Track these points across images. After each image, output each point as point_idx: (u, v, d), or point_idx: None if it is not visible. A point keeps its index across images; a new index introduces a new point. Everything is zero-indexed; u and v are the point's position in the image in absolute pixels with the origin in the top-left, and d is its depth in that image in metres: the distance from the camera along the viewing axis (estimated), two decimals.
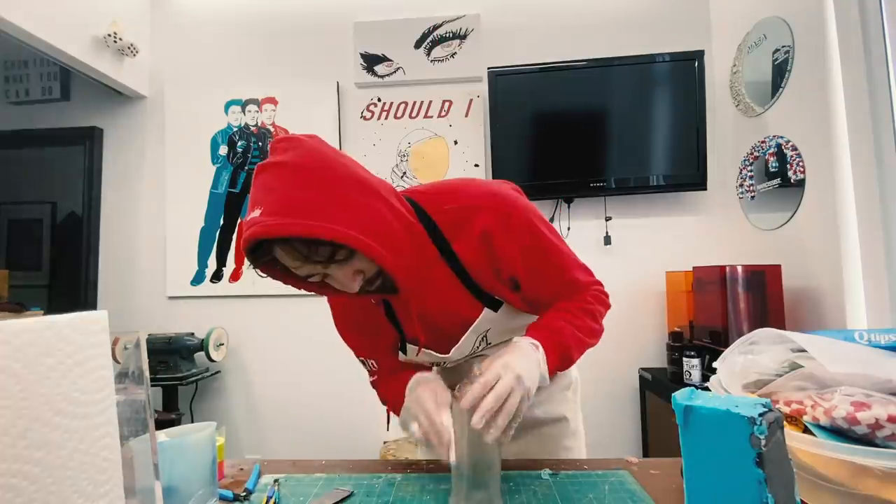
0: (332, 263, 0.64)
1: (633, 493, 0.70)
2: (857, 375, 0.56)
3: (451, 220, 0.75)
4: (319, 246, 0.61)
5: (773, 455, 0.45)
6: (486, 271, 0.77)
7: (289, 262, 0.64)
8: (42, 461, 0.38)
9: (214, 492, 0.67)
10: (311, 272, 0.66)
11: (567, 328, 0.75)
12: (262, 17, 2.32)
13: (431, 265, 0.75)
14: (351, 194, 0.62)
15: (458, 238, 0.75)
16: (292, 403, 2.21)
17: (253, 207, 0.61)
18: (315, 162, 0.62)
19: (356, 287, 0.68)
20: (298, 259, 0.63)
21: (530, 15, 2.21)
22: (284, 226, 0.57)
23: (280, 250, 0.62)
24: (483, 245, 0.75)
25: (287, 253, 0.62)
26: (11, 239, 2.41)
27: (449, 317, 0.81)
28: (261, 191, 0.61)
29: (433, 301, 0.78)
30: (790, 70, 1.65)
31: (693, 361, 1.68)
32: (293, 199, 0.59)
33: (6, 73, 2.40)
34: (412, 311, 0.76)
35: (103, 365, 0.44)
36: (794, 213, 1.66)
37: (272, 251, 0.63)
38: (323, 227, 0.58)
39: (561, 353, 0.73)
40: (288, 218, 0.58)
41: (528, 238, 0.76)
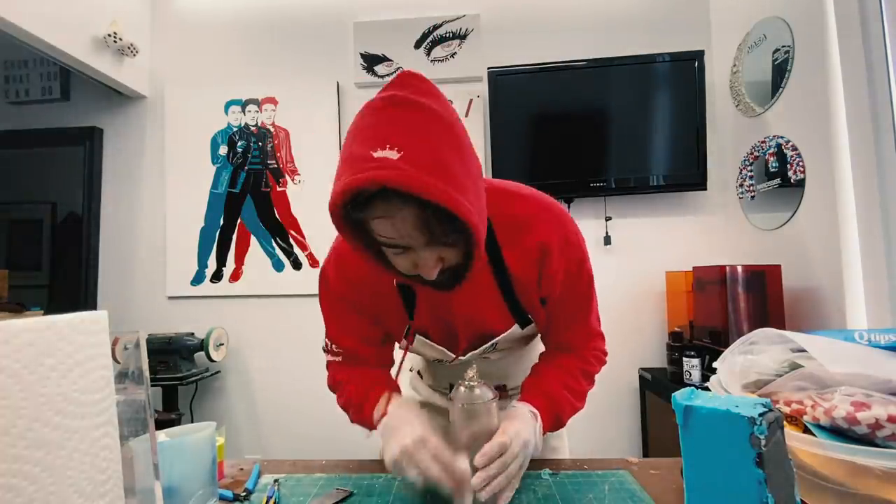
0: (439, 244, 0.57)
1: (633, 493, 0.70)
2: (857, 375, 0.56)
3: (509, 224, 0.70)
4: (448, 221, 0.52)
5: (773, 455, 0.45)
6: (530, 284, 0.73)
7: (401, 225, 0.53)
8: (42, 461, 0.38)
9: (214, 492, 0.67)
10: (407, 243, 0.56)
11: (565, 398, 0.77)
12: (262, 17, 2.32)
13: (480, 268, 0.68)
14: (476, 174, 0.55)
15: (512, 245, 0.70)
16: (292, 403, 2.21)
17: (380, 143, 0.50)
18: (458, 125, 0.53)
19: (435, 274, 0.60)
20: (420, 227, 0.53)
21: (530, 15, 2.21)
22: (432, 186, 0.48)
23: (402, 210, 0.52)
24: (536, 257, 0.71)
25: (411, 216, 0.52)
26: (11, 239, 2.41)
27: (476, 325, 0.77)
28: (401, 127, 0.50)
29: (467, 305, 0.73)
30: (790, 70, 1.65)
31: (693, 361, 1.68)
32: (444, 160, 0.50)
33: (6, 73, 2.40)
34: (454, 310, 0.73)
35: (103, 365, 0.44)
36: (794, 213, 1.66)
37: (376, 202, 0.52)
38: (466, 206, 0.50)
39: (554, 423, 0.76)
40: (436, 178, 0.49)
41: (576, 265, 0.74)
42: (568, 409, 0.78)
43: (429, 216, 0.52)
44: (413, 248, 0.58)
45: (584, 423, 2.09)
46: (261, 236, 2.26)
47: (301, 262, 2.24)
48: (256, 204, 2.26)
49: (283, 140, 2.26)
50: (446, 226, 0.53)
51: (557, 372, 0.80)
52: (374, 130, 0.52)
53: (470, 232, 0.54)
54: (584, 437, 2.07)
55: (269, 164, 2.26)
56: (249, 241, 2.26)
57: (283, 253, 2.25)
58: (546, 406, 0.75)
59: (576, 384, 0.79)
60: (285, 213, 2.25)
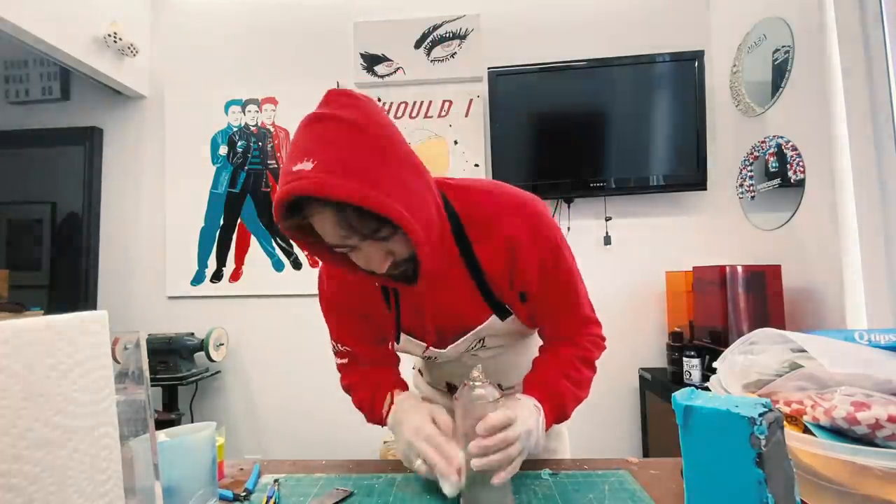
0: (372, 239, 0.61)
1: (633, 493, 0.70)
2: (857, 375, 0.56)
3: (478, 221, 0.73)
4: (369, 218, 0.57)
5: (773, 455, 0.45)
6: (502, 279, 0.76)
7: (327, 227, 0.59)
8: (42, 461, 0.38)
9: (214, 492, 0.67)
10: (344, 243, 0.61)
11: (566, 388, 0.77)
12: (262, 17, 2.32)
13: (450, 262, 0.73)
14: (405, 172, 0.59)
15: (482, 241, 0.73)
16: (292, 403, 2.21)
17: (300, 158, 0.55)
18: (378, 129, 0.58)
19: (384, 268, 0.64)
20: (341, 226, 0.58)
21: (530, 15, 2.21)
22: (342, 187, 0.53)
23: (323, 213, 0.57)
24: (506, 252, 0.73)
25: (330, 218, 0.57)
26: (11, 239, 2.41)
27: (454, 318, 0.79)
28: (315, 142, 0.56)
29: (443, 299, 0.76)
30: (790, 70, 1.65)
31: (693, 361, 1.68)
32: (354, 162, 0.55)
33: (6, 73, 2.40)
34: (425, 304, 0.76)
35: (103, 365, 0.44)
36: (794, 213, 1.66)
37: (307, 210, 0.58)
38: (381, 200, 0.55)
39: (558, 415, 0.76)
40: (346, 180, 0.53)
41: (550, 253, 0.75)
42: (571, 399, 0.78)
43: (347, 215, 0.57)
44: (356, 245, 0.62)
45: (584, 423, 2.09)
46: (261, 236, 2.26)
47: (301, 262, 2.24)
48: (256, 204, 2.26)
49: (283, 140, 2.26)
50: (369, 221, 0.58)
51: (556, 362, 0.80)
52: (296, 146, 0.57)
53: (395, 224, 0.57)
54: (584, 437, 2.07)
55: (269, 164, 2.26)
56: (249, 241, 2.26)
57: (283, 253, 2.25)
58: (548, 398, 0.75)
59: (576, 373, 0.79)
60: None
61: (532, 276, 0.75)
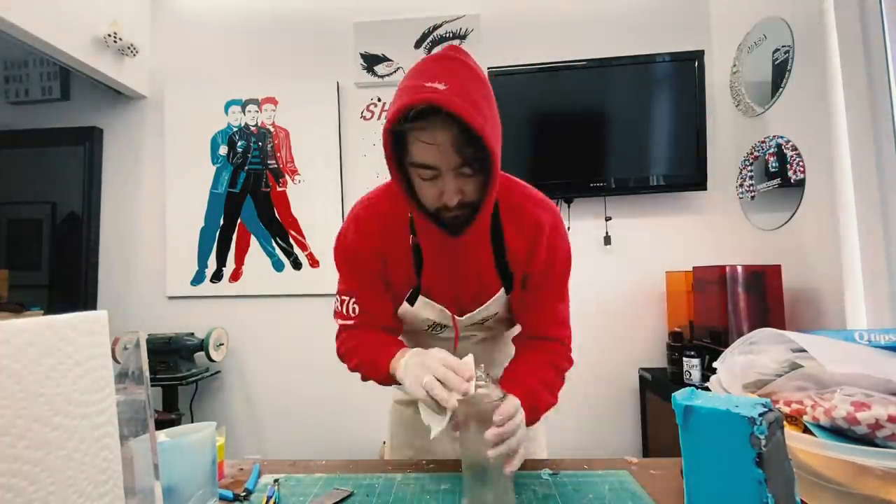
0: (459, 169, 0.69)
1: (633, 493, 0.70)
2: (857, 375, 0.56)
3: (513, 205, 0.83)
4: (472, 147, 0.66)
5: (773, 455, 0.45)
6: (520, 257, 0.84)
7: (439, 139, 0.66)
8: (42, 461, 0.38)
9: (214, 492, 0.67)
10: (438, 164, 0.68)
11: (543, 393, 0.80)
12: (262, 17, 2.32)
13: (484, 230, 0.81)
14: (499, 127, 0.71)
15: (512, 222, 0.83)
16: (292, 403, 2.21)
17: (432, 79, 0.64)
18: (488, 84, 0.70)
19: (454, 201, 0.71)
20: (450, 143, 0.66)
21: (530, 15, 2.21)
22: (467, 110, 0.63)
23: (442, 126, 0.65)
24: (530, 235, 0.82)
25: (446, 133, 0.65)
26: (11, 239, 2.41)
27: (472, 286, 0.86)
28: (445, 71, 0.65)
29: (467, 264, 0.83)
30: (790, 70, 1.65)
31: (693, 361, 1.68)
32: (476, 97, 0.65)
33: (6, 73, 2.40)
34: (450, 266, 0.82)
35: (103, 365, 0.44)
36: (794, 213, 1.66)
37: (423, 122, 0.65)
38: (489, 135, 0.65)
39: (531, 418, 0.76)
40: (469, 106, 0.63)
41: (559, 253, 0.84)
42: (543, 403, 0.81)
43: (461, 136, 0.66)
44: (441, 172, 0.70)
45: (584, 423, 2.09)
46: (261, 236, 2.26)
47: (301, 262, 2.24)
48: (256, 204, 2.26)
49: (283, 140, 2.26)
50: (474, 148, 0.67)
51: (531, 367, 0.84)
52: (426, 71, 0.67)
53: (490, 161, 0.68)
54: (584, 437, 2.07)
55: (269, 164, 2.26)
56: (249, 241, 2.26)
57: (283, 253, 2.25)
58: (524, 397, 0.75)
59: (549, 378, 0.83)
60: (285, 213, 2.25)
61: (540, 261, 0.83)
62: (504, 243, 0.83)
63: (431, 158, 0.68)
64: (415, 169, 0.72)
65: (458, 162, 0.68)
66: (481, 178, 0.72)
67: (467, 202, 0.73)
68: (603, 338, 2.10)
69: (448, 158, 0.68)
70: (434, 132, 0.66)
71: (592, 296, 2.11)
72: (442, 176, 0.70)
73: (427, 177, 0.71)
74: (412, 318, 0.91)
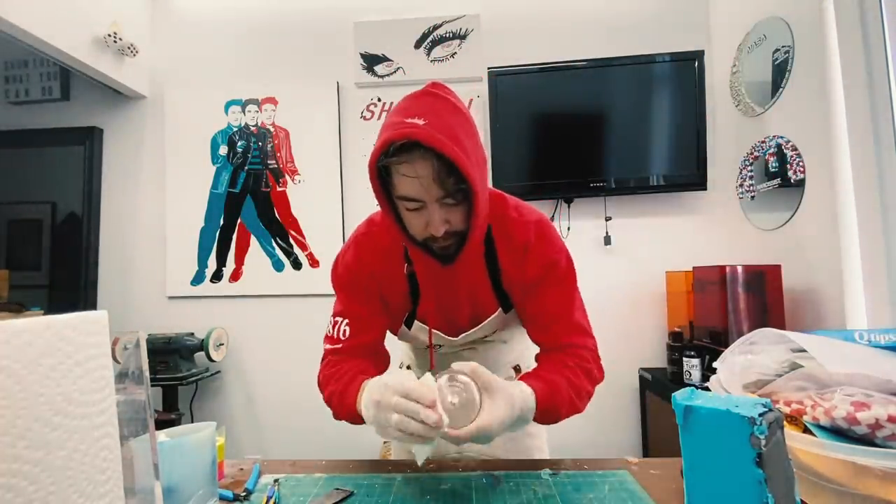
0: (443, 200, 0.71)
1: (633, 493, 0.70)
2: (857, 375, 0.56)
3: (503, 226, 0.84)
4: (453, 179, 0.69)
5: (773, 455, 0.45)
6: (515, 278, 0.85)
7: (420, 172, 0.68)
8: (42, 461, 0.38)
9: (214, 492, 0.67)
10: (421, 196, 0.71)
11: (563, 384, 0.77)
12: (262, 17, 2.32)
13: (478, 255, 0.84)
14: (481, 159, 0.74)
15: (503, 244, 0.84)
16: (292, 403, 2.21)
17: (412, 115, 0.68)
18: (470, 118, 0.74)
19: (442, 230, 0.73)
20: (430, 176, 0.68)
21: (530, 15, 2.21)
22: (446, 144, 0.66)
23: (422, 159, 0.68)
24: (519, 253, 0.83)
25: (426, 166, 0.68)
26: (11, 239, 2.41)
27: (468, 308, 0.87)
28: (425, 108, 0.69)
29: (462, 288, 0.85)
30: (790, 70, 1.64)
31: (693, 361, 1.68)
32: (455, 132, 0.68)
33: (6, 73, 2.40)
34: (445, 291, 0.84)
35: (103, 365, 0.44)
36: (794, 213, 1.66)
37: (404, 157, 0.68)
38: (469, 167, 0.68)
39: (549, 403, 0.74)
40: (449, 140, 0.66)
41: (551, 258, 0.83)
42: (565, 394, 0.76)
43: (441, 169, 0.68)
44: (426, 204, 0.72)
45: (584, 423, 2.09)
46: (261, 236, 2.26)
47: (301, 262, 2.24)
48: (256, 204, 2.26)
49: (283, 140, 2.26)
50: (451, 181, 0.69)
51: (556, 366, 0.81)
52: (408, 108, 0.70)
53: (471, 190, 0.70)
54: (584, 437, 2.07)
55: (269, 164, 2.26)
56: (249, 241, 2.26)
57: (283, 253, 2.25)
58: (542, 391, 0.73)
59: (575, 378, 0.79)
60: (285, 213, 2.25)
61: (534, 276, 0.83)
62: (498, 264, 0.85)
63: (414, 191, 0.71)
64: (401, 201, 0.74)
65: (441, 194, 0.70)
66: (465, 208, 0.74)
67: (455, 231, 0.75)
68: (603, 338, 2.06)
69: (430, 190, 0.70)
70: (414, 165, 0.68)
71: (592, 296, 2.08)
72: (427, 207, 0.72)
73: (412, 208, 0.73)
74: (411, 339, 0.94)
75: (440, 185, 0.69)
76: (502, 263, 0.85)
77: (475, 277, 0.85)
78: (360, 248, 0.87)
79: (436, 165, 0.68)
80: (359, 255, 0.87)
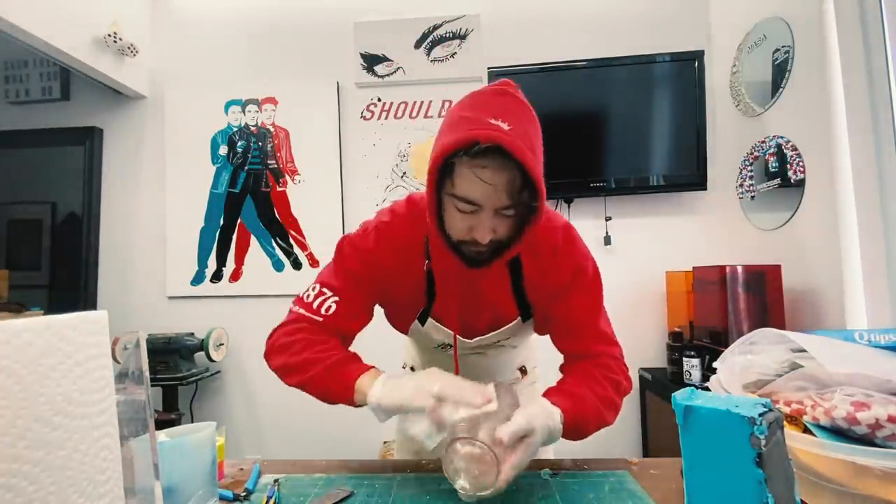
0: (501, 210, 0.69)
1: (633, 493, 0.70)
2: (857, 375, 0.56)
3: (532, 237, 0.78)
4: (526, 193, 0.67)
5: (773, 455, 0.45)
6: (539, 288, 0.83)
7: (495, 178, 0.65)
8: (42, 461, 0.38)
9: (214, 492, 0.67)
10: (484, 202, 0.68)
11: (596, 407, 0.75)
12: (262, 17, 2.32)
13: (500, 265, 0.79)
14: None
15: (528, 251, 0.80)
16: (292, 403, 2.20)
17: (494, 115, 0.65)
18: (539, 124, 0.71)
19: (487, 239, 0.70)
20: (504, 185, 0.66)
21: (530, 15, 2.21)
22: (527, 154, 0.63)
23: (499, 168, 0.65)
24: (546, 260, 0.81)
25: (503, 175, 0.65)
26: (11, 239, 2.41)
27: (486, 313, 0.85)
28: (507, 110, 0.66)
29: (483, 293, 0.83)
30: (790, 70, 1.64)
31: (693, 361, 1.68)
32: (534, 141, 0.67)
33: (6, 73, 2.40)
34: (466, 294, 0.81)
35: (103, 365, 0.44)
36: (794, 213, 1.66)
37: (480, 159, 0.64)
38: (541, 181, 0.66)
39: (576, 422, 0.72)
40: (529, 151, 0.64)
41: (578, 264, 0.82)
42: (593, 411, 0.74)
43: (516, 180, 0.66)
44: (483, 209, 0.68)
45: None
46: (261, 236, 2.26)
47: (301, 262, 2.24)
48: (256, 204, 2.26)
49: (283, 140, 2.26)
50: (526, 193, 0.67)
51: (582, 378, 0.79)
52: (489, 105, 0.67)
53: (536, 206, 0.68)
54: None
55: (269, 164, 2.26)
56: (249, 241, 2.26)
57: (283, 253, 2.25)
58: (567, 404, 0.72)
59: (601, 389, 0.77)
60: (285, 213, 2.25)
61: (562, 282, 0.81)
62: (521, 271, 0.82)
63: (480, 196, 0.67)
64: (454, 199, 0.70)
65: (506, 204, 0.68)
66: (516, 220, 0.72)
67: (495, 239, 0.72)
68: None
69: (497, 199, 0.67)
70: (494, 171, 0.65)
71: None
72: (481, 213, 0.69)
73: (466, 210, 0.69)
74: (422, 337, 0.91)
75: (509, 196, 0.67)
76: (526, 269, 0.82)
77: (496, 283, 0.83)
78: (380, 237, 0.82)
79: (511, 176, 0.65)
80: (378, 245, 0.82)
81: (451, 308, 0.83)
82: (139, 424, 0.51)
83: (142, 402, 0.51)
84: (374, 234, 0.82)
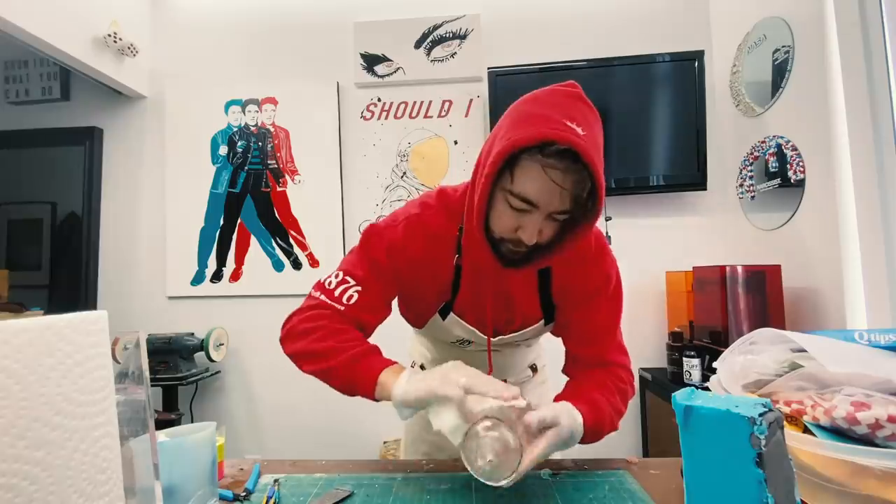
0: (555, 213, 0.68)
1: (633, 493, 0.70)
2: (857, 375, 0.56)
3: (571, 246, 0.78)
4: (590, 201, 0.67)
5: (773, 455, 0.45)
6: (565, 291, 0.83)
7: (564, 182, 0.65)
8: (42, 461, 0.38)
9: (214, 492, 0.67)
10: (543, 203, 0.67)
11: (610, 414, 0.76)
12: (262, 17, 2.32)
13: None
14: None
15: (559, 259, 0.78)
16: (292, 403, 2.21)
17: (569, 118, 0.63)
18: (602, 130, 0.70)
19: (533, 240, 0.69)
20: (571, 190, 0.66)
21: (530, 15, 2.21)
22: (597, 162, 0.63)
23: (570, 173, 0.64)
24: (576, 265, 0.80)
25: (572, 179, 0.65)
26: (11, 239, 2.41)
27: (511, 313, 0.84)
28: (580, 114, 0.65)
29: (510, 293, 0.82)
30: (790, 70, 1.64)
31: (693, 361, 1.68)
32: (601, 150, 0.67)
33: (6, 73, 2.40)
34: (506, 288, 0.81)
35: (103, 365, 0.44)
36: (794, 213, 1.66)
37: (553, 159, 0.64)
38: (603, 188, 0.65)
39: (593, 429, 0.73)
40: (598, 159, 0.64)
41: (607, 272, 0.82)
42: (607, 419, 0.76)
43: (579, 185, 0.66)
44: (537, 210, 0.67)
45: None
46: (261, 236, 2.26)
47: (301, 262, 2.24)
48: (256, 204, 2.26)
49: (283, 140, 2.26)
50: (589, 200, 0.67)
51: (597, 385, 0.79)
52: (561, 107, 0.65)
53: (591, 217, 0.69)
54: None
55: (269, 164, 2.26)
56: (249, 242, 2.26)
57: (283, 253, 2.25)
58: (587, 410, 0.72)
59: (612, 398, 0.78)
60: (285, 214, 2.25)
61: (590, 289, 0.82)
62: (550, 275, 0.82)
63: (542, 197, 0.66)
64: (510, 196, 0.68)
65: (566, 208, 0.67)
66: (557, 224, 0.71)
67: (539, 241, 0.71)
68: None
69: (558, 202, 0.66)
70: (563, 174, 0.64)
71: None
72: (533, 213, 0.68)
73: (521, 208, 0.68)
74: (440, 332, 0.90)
75: (573, 201, 0.67)
76: (555, 274, 0.81)
77: (524, 283, 0.82)
78: (410, 227, 0.80)
79: (577, 181, 0.65)
80: (406, 236, 0.80)
81: (478, 305, 0.83)
82: (139, 424, 0.51)
83: (142, 402, 0.51)
84: (404, 225, 0.81)
